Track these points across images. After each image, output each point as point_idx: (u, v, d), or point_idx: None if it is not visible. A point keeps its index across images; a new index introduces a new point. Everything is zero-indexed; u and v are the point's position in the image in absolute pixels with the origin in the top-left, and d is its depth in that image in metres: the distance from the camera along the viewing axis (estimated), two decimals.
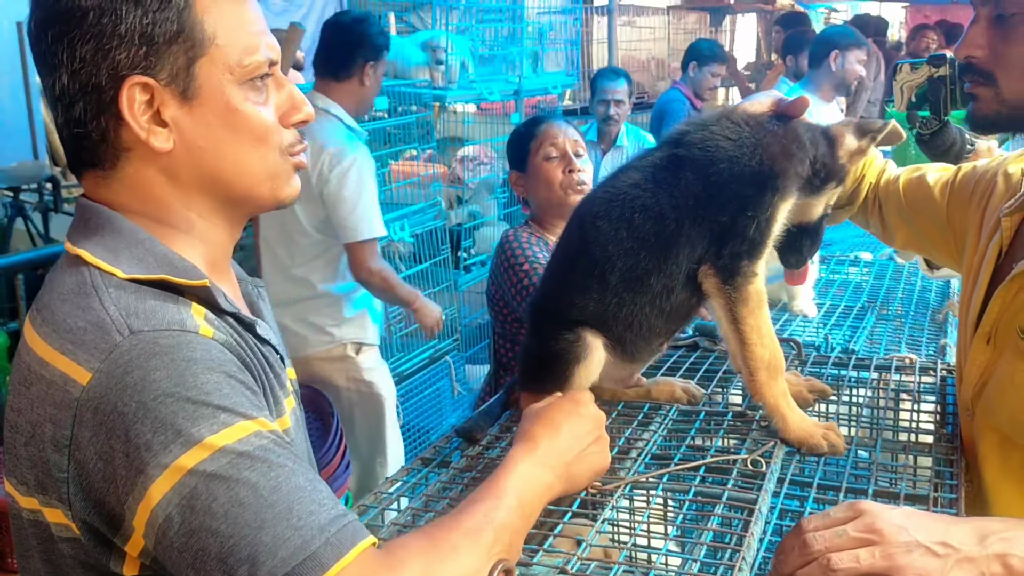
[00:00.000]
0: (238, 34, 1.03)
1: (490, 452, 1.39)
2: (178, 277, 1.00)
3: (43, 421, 0.93)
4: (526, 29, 5.29)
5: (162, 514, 0.87)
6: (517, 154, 2.64)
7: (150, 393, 0.89)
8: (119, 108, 0.99)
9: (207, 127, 1.03)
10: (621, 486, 1.23)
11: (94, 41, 0.97)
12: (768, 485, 1.20)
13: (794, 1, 12.00)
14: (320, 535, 0.86)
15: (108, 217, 1.03)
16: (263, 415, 0.94)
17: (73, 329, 0.94)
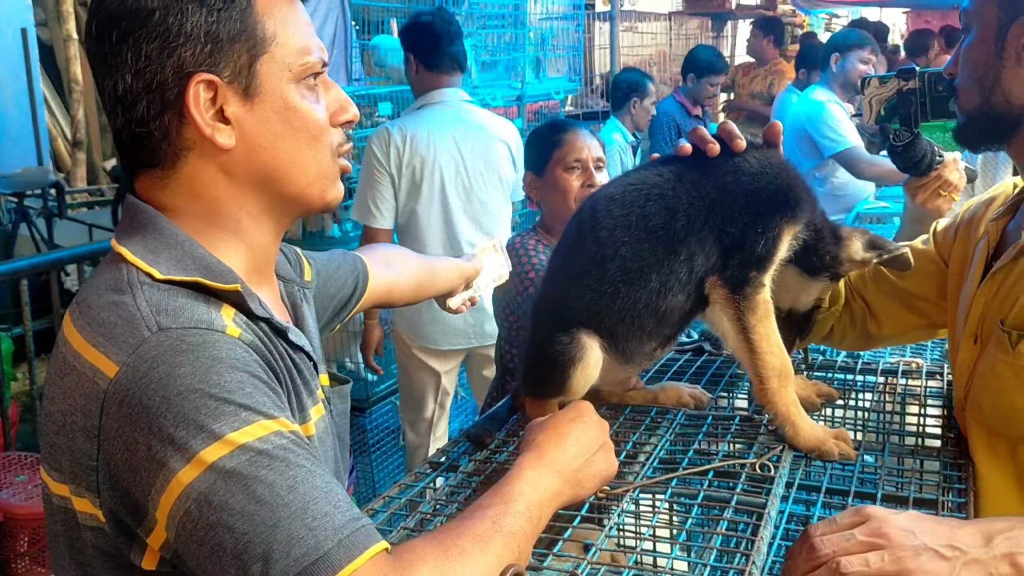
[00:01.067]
0: (294, 34, 1.06)
1: (498, 456, 1.39)
2: (213, 280, 1.01)
3: (74, 411, 0.95)
4: (528, 35, 5.30)
5: (182, 507, 0.88)
6: (536, 157, 2.62)
7: (174, 388, 0.90)
8: (183, 105, 1.01)
9: (267, 124, 1.05)
10: (629, 491, 1.23)
11: (160, 39, 0.99)
12: (776, 489, 1.20)
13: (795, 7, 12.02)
14: (333, 536, 0.87)
15: (152, 217, 1.05)
16: (284, 415, 0.95)
17: (105, 323, 0.96)
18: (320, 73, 1.10)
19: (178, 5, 0.99)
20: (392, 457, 4.29)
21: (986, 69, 1.29)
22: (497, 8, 5.23)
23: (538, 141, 2.65)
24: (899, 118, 1.63)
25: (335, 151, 1.12)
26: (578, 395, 1.41)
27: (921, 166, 1.72)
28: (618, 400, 1.55)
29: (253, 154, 1.05)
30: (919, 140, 1.67)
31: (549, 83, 5.61)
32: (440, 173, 3.28)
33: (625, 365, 1.46)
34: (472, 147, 3.34)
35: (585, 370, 1.38)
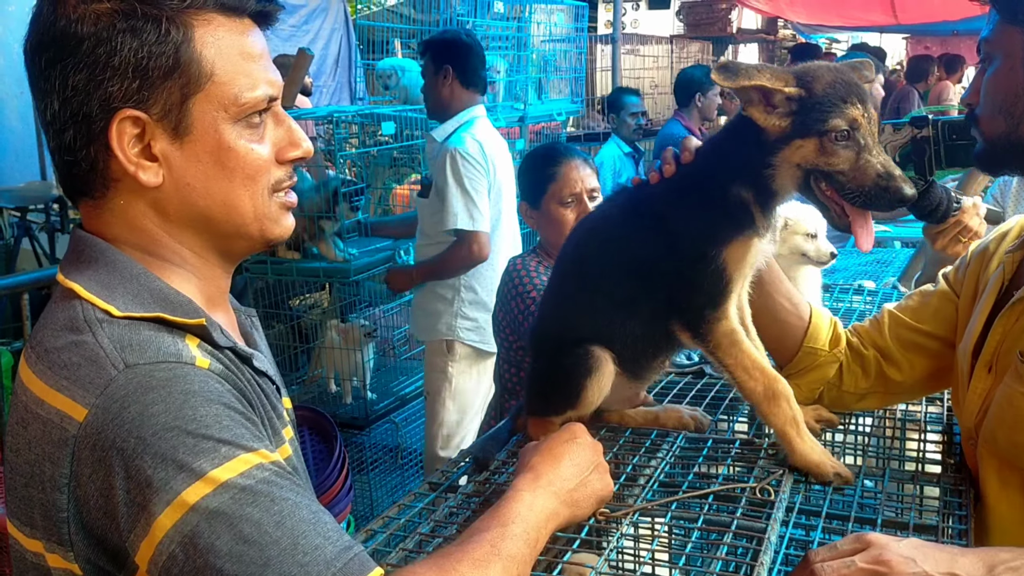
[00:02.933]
0: (237, 70, 1.00)
1: (498, 477, 1.39)
2: (174, 315, 0.97)
3: (41, 460, 0.91)
4: (531, 57, 5.33)
5: (166, 551, 0.85)
6: (531, 189, 2.62)
7: (149, 428, 0.87)
8: (104, 136, 0.96)
9: (197, 164, 1.00)
10: (628, 514, 1.23)
11: (87, 70, 0.95)
12: (777, 514, 1.20)
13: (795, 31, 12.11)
14: (327, 570, 0.85)
15: (102, 250, 1.00)
16: (264, 446, 0.92)
17: (67, 365, 0.91)
18: (267, 109, 1.04)
19: (108, 35, 0.94)
20: (390, 476, 4.28)
21: (1015, 97, 1.28)
22: (500, 30, 5.27)
23: (532, 171, 2.64)
24: (913, 166, 1.63)
25: (271, 188, 1.05)
26: (590, 408, 1.42)
27: (937, 214, 1.72)
28: (618, 421, 1.55)
29: (183, 194, 1.00)
30: (934, 189, 1.67)
31: (551, 105, 5.64)
32: (508, 181, 3.47)
33: (635, 382, 1.47)
34: (508, 156, 3.55)
35: (599, 381, 1.39)
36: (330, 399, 4.41)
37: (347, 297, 4.80)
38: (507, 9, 5.61)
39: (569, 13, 6.19)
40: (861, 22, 9.93)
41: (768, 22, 12.43)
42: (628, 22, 12.02)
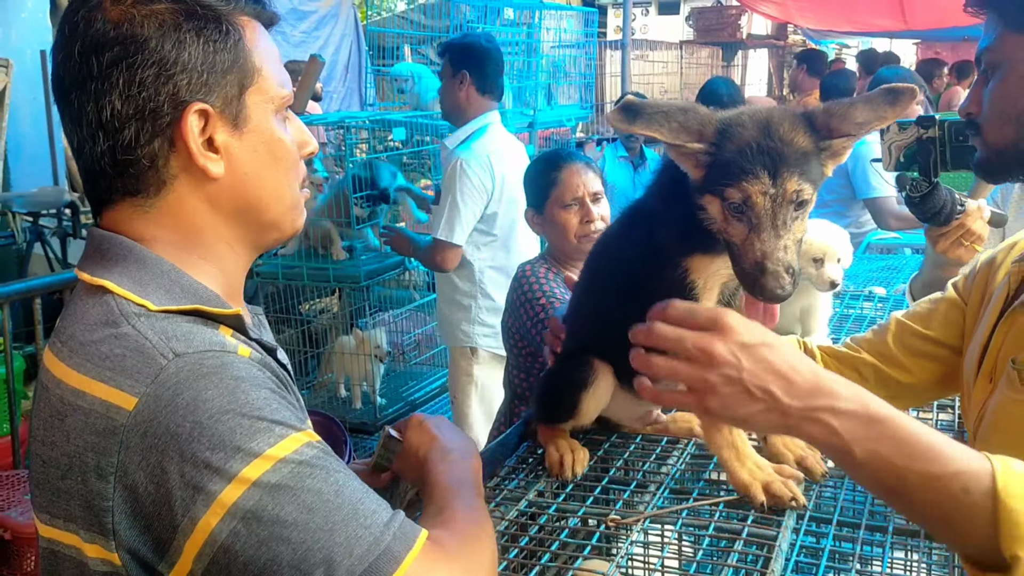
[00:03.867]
0: (274, 67, 1.07)
1: (508, 483, 1.39)
2: (210, 307, 1.00)
3: (83, 451, 0.92)
4: (541, 63, 5.35)
5: (226, 529, 0.87)
6: (535, 194, 2.63)
7: (204, 412, 0.89)
8: (175, 133, 1.00)
9: (254, 154, 1.05)
10: (639, 521, 1.23)
11: (156, 66, 0.98)
12: (787, 522, 1.20)
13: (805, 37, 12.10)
14: (387, 530, 0.91)
15: (129, 248, 1.01)
16: (308, 427, 0.96)
17: (110, 356, 0.93)
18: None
19: (176, 35, 0.98)
20: None
21: (1020, 106, 1.28)
22: (510, 36, 5.28)
23: (535, 177, 2.65)
24: (918, 167, 1.60)
25: (303, 180, 1.13)
26: (587, 419, 1.42)
27: (940, 216, 1.70)
28: (629, 429, 1.55)
29: (238, 183, 1.04)
30: (938, 190, 1.65)
31: (561, 110, 5.65)
32: (512, 186, 3.44)
33: (642, 400, 1.46)
34: (524, 161, 3.52)
35: (595, 394, 1.38)
36: (340, 404, 4.42)
37: (357, 302, 4.81)
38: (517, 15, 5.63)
39: (579, 19, 6.21)
40: (871, 27, 9.90)
41: (778, 27, 12.42)
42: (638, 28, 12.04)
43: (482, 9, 5.14)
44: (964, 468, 0.95)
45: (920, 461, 0.96)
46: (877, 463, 0.97)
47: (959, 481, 0.94)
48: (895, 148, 1.63)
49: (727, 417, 1.02)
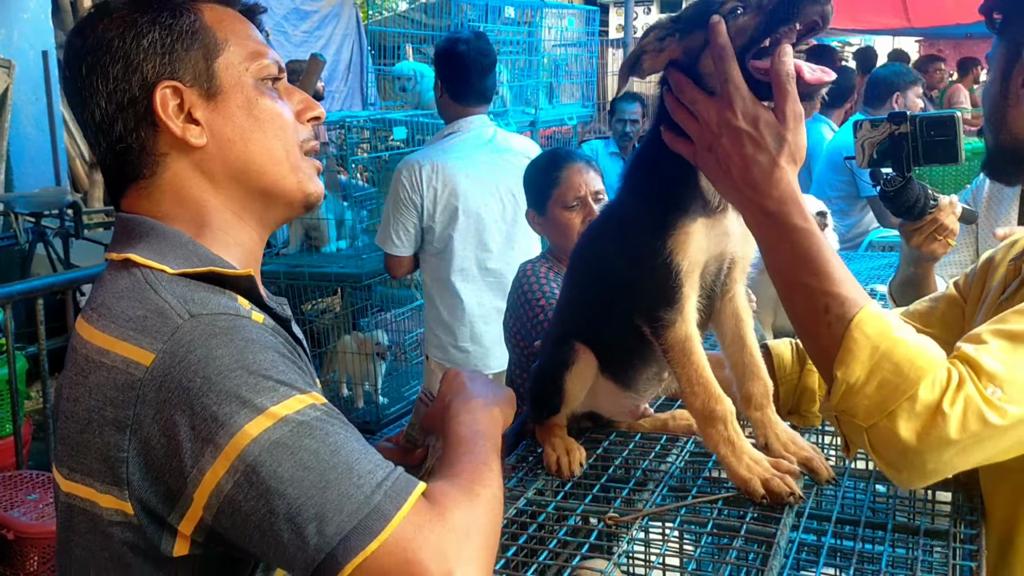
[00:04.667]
0: (246, 42, 1.16)
1: (507, 482, 1.39)
2: (224, 269, 1.08)
3: (103, 405, 0.99)
4: (542, 62, 5.35)
5: (230, 481, 0.93)
6: (536, 195, 2.61)
7: (214, 369, 0.95)
8: (154, 114, 1.09)
9: (233, 119, 1.13)
10: (638, 518, 1.23)
11: (123, 60, 1.09)
12: (787, 519, 1.20)
13: None
14: (379, 489, 0.94)
15: (150, 225, 1.11)
16: (314, 391, 1.01)
17: (133, 318, 1.00)
18: (279, 79, 1.18)
19: (133, 28, 1.09)
20: None
21: (996, 108, 1.34)
22: (512, 35, 5.28)
23: (536, 178, 2.62)
24: (891, 162, 1.63)
25: (303, 148, 1.19)
26: (575, 401, 1.42)
27: (914, 211, 1.71)
28: (628, 427, 1.55)
29: (225, 149, 1.12)
30: (911, 185, 1.66)
31: (562, 109, 5.66)
32: (473, 199, 3.32)
33: (628, 391, 1.46)
34: (503, 170, 3.38)
35: (578, 374, 1.39)
36: (342, 403, 4.43)
37: (359, 302, 4.82)
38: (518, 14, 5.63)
39: (580, 17, 6.21)
40: (873, 25, 9.88)
41: None
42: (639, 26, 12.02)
43: (483, 8, 5.14)
44: (838, 293, 1.09)
45: (805, 272, 1.11)
46: (774, 259, 1.15)
47: (826, 300, 1.09)
48: (868, 145, 1.64)
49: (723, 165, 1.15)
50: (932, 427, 1.02)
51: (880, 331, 1.07)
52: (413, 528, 0.93)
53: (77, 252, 5.56)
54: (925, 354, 1.05)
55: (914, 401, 1.03)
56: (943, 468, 1.06)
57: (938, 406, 1.02)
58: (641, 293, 1.29)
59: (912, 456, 1.04)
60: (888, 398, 1.04)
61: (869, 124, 1.65)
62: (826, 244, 1.13)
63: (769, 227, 1.14)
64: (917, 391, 1.03)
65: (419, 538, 0.93)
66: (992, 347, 1.07)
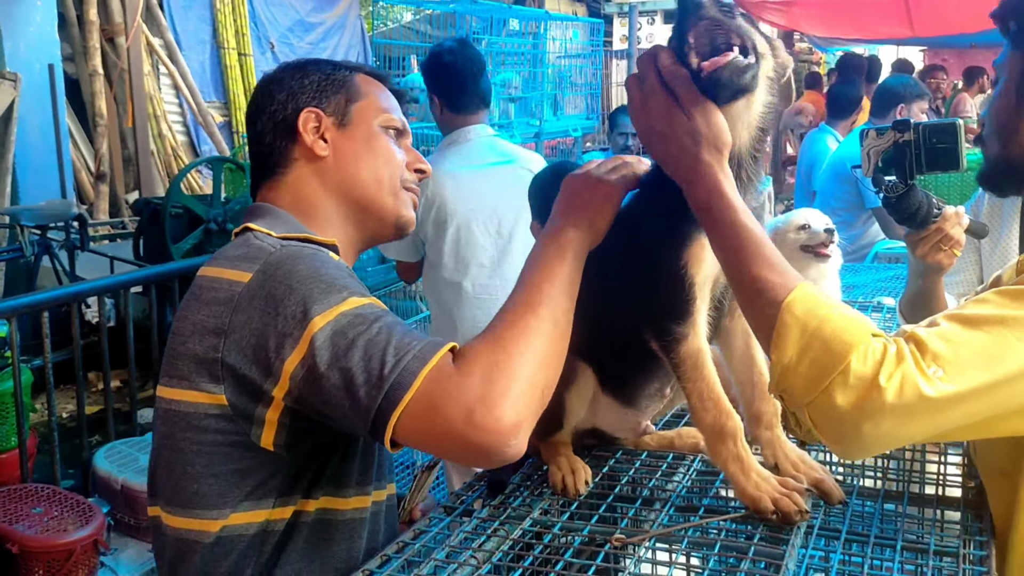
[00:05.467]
0: (381, 101, 1.53)
1: (512, 501, 1.38)
2: (315, 237, 1.40)
3: (207, 317, 1.27)
4: (547, 73, 5.36)
5: (307, 360, 1.19)
6: (541, 207, 2.56)
7: (295, 279, 1.24)
8: (296, 130, 1.45)
9: (353, 143, 1.48)
10: (645, 539, 1.22)
11: (287, 91, 1.48)
12: (795, 540, 1.19)
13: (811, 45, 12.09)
14: (410, 355, 1.17)
15: (268, 208, 1.45)
16: (373, 298, 1.26)
17: (241, 255, 1.31)
18: (403, 135, 1.54)
19: (302, 71, 1.50)
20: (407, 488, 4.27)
21: (1007, 118, 1.32)
22: (516, 47, 5.29)
23: (542, 190, 2.56)
24: (895, 170, 1.63)
25: (404, 181, 1.51)
26: (576, 419, 1.42)
27: (916, 218, 1.71)
28: (634, 445, 1.54)
29: (341, 164, 1.46)
30: (913, 192, 1.66)
31: (567, 120, 5.66)
32: (464, 212, 3.23)
33: (629, 408, 1.45)
34: (502, 181, 3.28)
35: (578, 390, 1.38)
36: None
37: None
38: (522, 26, 5.65)
39: (585, 29, 6.23)
40: (878, 35, 9.88)
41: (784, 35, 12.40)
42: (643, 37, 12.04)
43: (487, 20, 5.16)
44: (768, 278, 1.13)
45: (739, 261, 1.16)
46: (715, 249, 1.19)
47: (758, 285, 1.13)
48: (873, 153, 1.65)
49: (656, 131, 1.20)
50: (867, 398, 1.04)
51: (808, 310, 1.09)
52: (434, 381, 1.14)
53: (83, 264, 5.58)
54: (852, 327, 1.07)
55: (846, 375, 1.05)
56: (883, 439, 1.08)
57: (873, 379, 1.04)
58: (651, 305, 1.28)
59: (850, 426, 1.06)
60: (821, 374, 1.06)
61: (875, 132, 1.66)
62: (758, 232, 1.17)
63: (704, 219, 1.20)
64: (848, 364, 1.05)
65: (439, 388, 1.14)
66: (943, 328, 1.09)
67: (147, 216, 5.48)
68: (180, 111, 8.54)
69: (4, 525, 3.06)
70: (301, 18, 9.61)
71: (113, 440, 3.87)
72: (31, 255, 5.39)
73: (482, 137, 3.36)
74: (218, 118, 8.83)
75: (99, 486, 3.58)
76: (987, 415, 1.08)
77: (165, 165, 8.19)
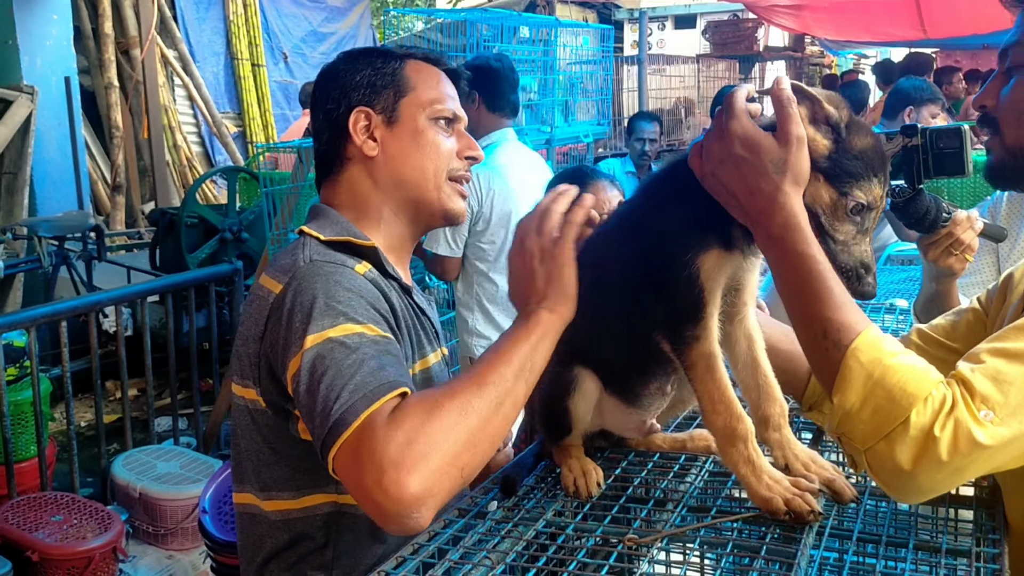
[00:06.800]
0: (432, 90, 1.54)
1: (526, 503, 1.39)
2: (357, 239, 1.48)
3: (253, 324, 1.41)
4: (558, 80, 5.37)
5: (301, 368, 1.27)
6: None
7: (308, 297, 1.33)
8: (348, 129, 1.51)
9: (400, 141, 1.52)
10: (658, 539, 1.23)
11: (340, 88, 1.53)
12: (807, 539, 1.19)
13: (823, 48, 12.07)
14: (358, 394, 1.21)
15: (324, 209, 1.55)
16: (375, 325, 1.32)
17: (282, 265, 1.42)
18: (454, 122, 1.56)
19: (353, 65, 1.54)
20: None
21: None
22: (527, 53, 5.31)
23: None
24: (904, 175, 1.64)
25: (450, 175, 1.55)
26: (585, 424, 1.42)
27: (925, 223, 1.71)
28: (645, 447, 1.55)
29: (389, 162, 1.51)
30: (921, 197, 1.66)
31: (578, 127, 5.67)
32: (517, 205, 3.44)
33: (633, 408, 1.46)
34: (534, 180, 3.52)
35: (582, 396, 1.39)
36: None
37: None
38: (533, 33, 5.67)
39: (595, 35, 6.23)
40: (889, 37, 9.86)
41: (795, 39, 12.38)
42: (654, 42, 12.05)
43: (498, 28, 5.18)
44: (835, 319, 1.11)
45: (806, 297, 1.13)
46: (780, 282, 1.16)
47: (825, 326, 1.12)
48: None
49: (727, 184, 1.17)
50: (924, 451, 1.04)
51: (874, 358, 1.09)
52: (367, 427, 1.17)
53: (100, 275, 5.62)
54: (916, 379, 1.07)
55: (907, 426, 1.05)
56: (938, 487, 1.10)
57: (930, 430, 1.04)
58: (664, 309, 1.28)
59: (907, 478, 1.07)
60: (882, 424, 1.07)
61: (884, 137, 1.66)
62: (828, 269, 1.14)
63: (774, 251, 1.17)
64: (909, 416, 1.05)
65: (367, 435, 1.16)
66: (988, 366, 1.09)
67: (163, 226, 5.53)
68: (195, 122, 8.61)
69: (24, 533, 3.10)
70: (314, 28, 9.68)
71: (131, 448, 3.91)
72: (49, 266, 5.45)
73: (514, 140, 3.67)
74: (232, 128, 8.89)
75: (117, 494, 3.61)
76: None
77: (180, 176, 8.26)
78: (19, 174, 6.32)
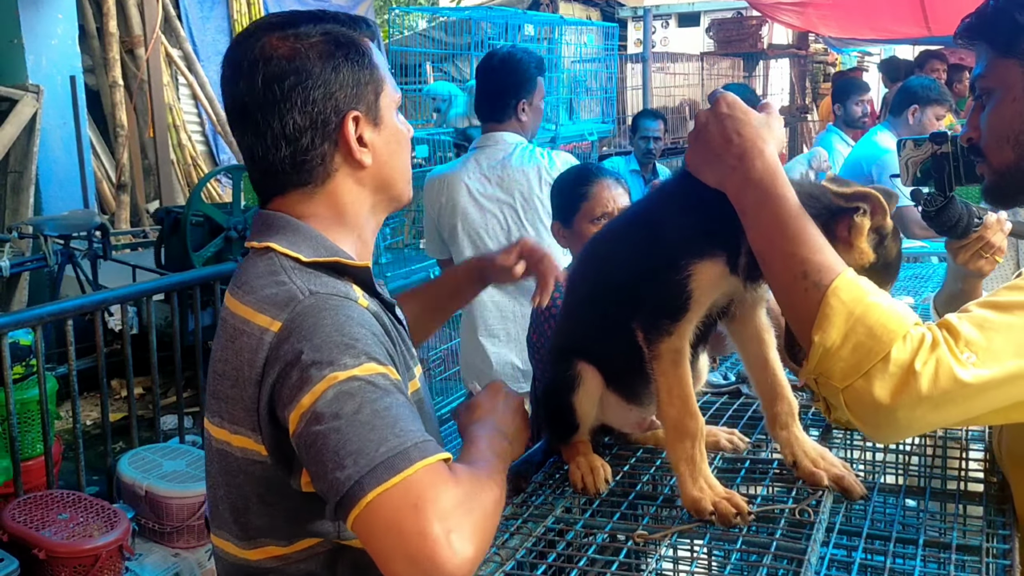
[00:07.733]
0: (388, 75, 1.37)
1: (535, 500, 1.40)
2: (346, 261, 1.30)
3: (244, 364, 1.22)
4: (562, 78, 5.37)
5: (311, 412, 1.13)
6: (563, 208, 2.61)
7: (319, 335, 1.18)
8: (339, 136, 1.30)
9: (387, 144, 1.35)
10: (667, 536, 1.23)
11: (323, 87, 1.27)
12: (816, 535, 1.19)
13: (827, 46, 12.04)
14: (411, 442, 1.11)
15: (287, 221, 1.31)
16: (391, 367, 1.20)
17: (270, 296, 1.23)
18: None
19: (332, 62, 1.28)
20: None
21: (1021, 126, 1.31)
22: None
23: (564, 191, 2.63)
24: (933, 182, 1.63)
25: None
26: (589, 421, 1.43)
27: (957, 229, 1.70)
28: (654, 444, 1.55)
29: (379, 166, 1.34)
30: (953, 204, 1.66)
31: (582, 125, 5.67)
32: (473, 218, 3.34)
33: (633, 405, 1.46)
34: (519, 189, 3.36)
35: (586, 393, 1.40)
36: None
37: None
38: (537, 31, 5.67)
39: (599, 33, 6.23)
40: (894, 35, 9.81)
41: (799, 37, 12.35)
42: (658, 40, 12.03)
43: (502, 26, 5.18)
44: (815, 260, 1.14)
45: (785, 239, 1.16)
46: (755, 226, 1.19)
47: (804, 267, 1.14)
48: (911, 164, 1.65)
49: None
50: (904, 385, 1.06)
51: (855, 296, 1.11)
52: (429, 480, 1.07)
53: (105, 273, 5.62)
54: (897, 317, 1.09)
55: (887, 362, 1.07)
56: (915, 424, 1.10)
57: (910, 365, 1.06)
58: (648, 297, 1.30)
59: (886, 413, 1.08)
60: (863, 360, 1.08)
61: (912, 143, 1.66)
62: (805, 213, 1.18)
63: (752, 194, 1.19)
64: (890, 352, 1.07)
65: (431, 491, 1.06)
66: (975, 314, 1.11)
67: (168, 225, 5.53)
68: (199, 121, 8.61)
69: (31, 531, 3.10)
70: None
71: (137, 446, 3.91)
72: (55, 264, 5.45)
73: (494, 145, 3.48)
74: None
75: (123, 492, 3.61)
76: (1019, 399, 1.10)
77: (185, 174, 8.26)
78: (25, 173, 6.32)
